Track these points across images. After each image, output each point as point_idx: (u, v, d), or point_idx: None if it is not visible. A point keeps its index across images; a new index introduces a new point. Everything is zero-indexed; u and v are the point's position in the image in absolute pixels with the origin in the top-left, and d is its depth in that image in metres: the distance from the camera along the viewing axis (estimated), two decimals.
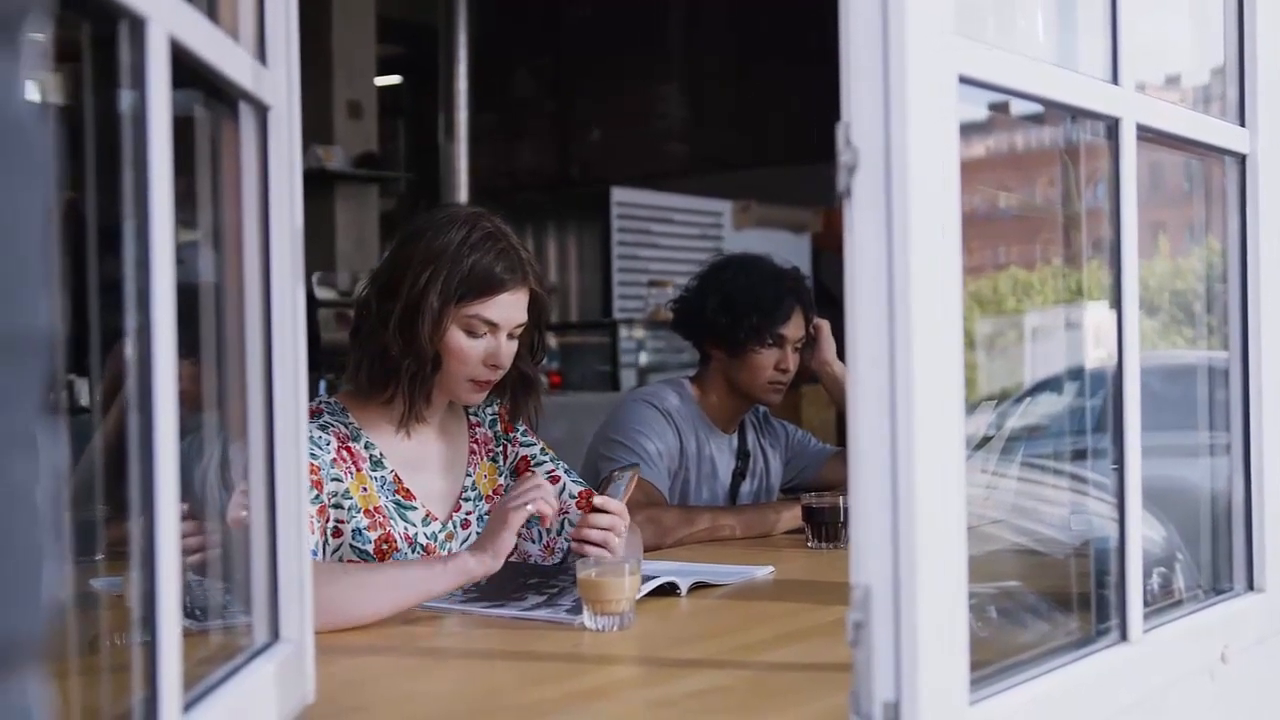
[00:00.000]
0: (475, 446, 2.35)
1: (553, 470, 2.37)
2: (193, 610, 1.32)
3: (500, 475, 2.36)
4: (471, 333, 2.17)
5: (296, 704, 1.36)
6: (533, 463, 2.38)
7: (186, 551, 1.12)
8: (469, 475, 2.32)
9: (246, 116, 1.31)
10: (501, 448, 2.38)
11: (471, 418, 2.37)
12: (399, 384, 2.18)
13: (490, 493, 2.33)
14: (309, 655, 1.39)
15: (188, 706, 1.06)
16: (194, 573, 1.41)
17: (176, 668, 1.00)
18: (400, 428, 2.22)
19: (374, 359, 2.17)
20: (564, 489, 2.33)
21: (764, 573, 2.32)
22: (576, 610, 1.87)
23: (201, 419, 1.38)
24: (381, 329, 2.15)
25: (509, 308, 2.19)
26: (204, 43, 1.11)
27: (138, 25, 0.97)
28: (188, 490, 1.06)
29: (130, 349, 0.99)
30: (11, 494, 0.55)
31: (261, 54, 1.33)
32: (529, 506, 1.99)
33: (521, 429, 2.41)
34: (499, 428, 2.39)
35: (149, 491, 0.98)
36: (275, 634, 1.34)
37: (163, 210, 0.99)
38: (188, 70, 1.09)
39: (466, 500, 2.30)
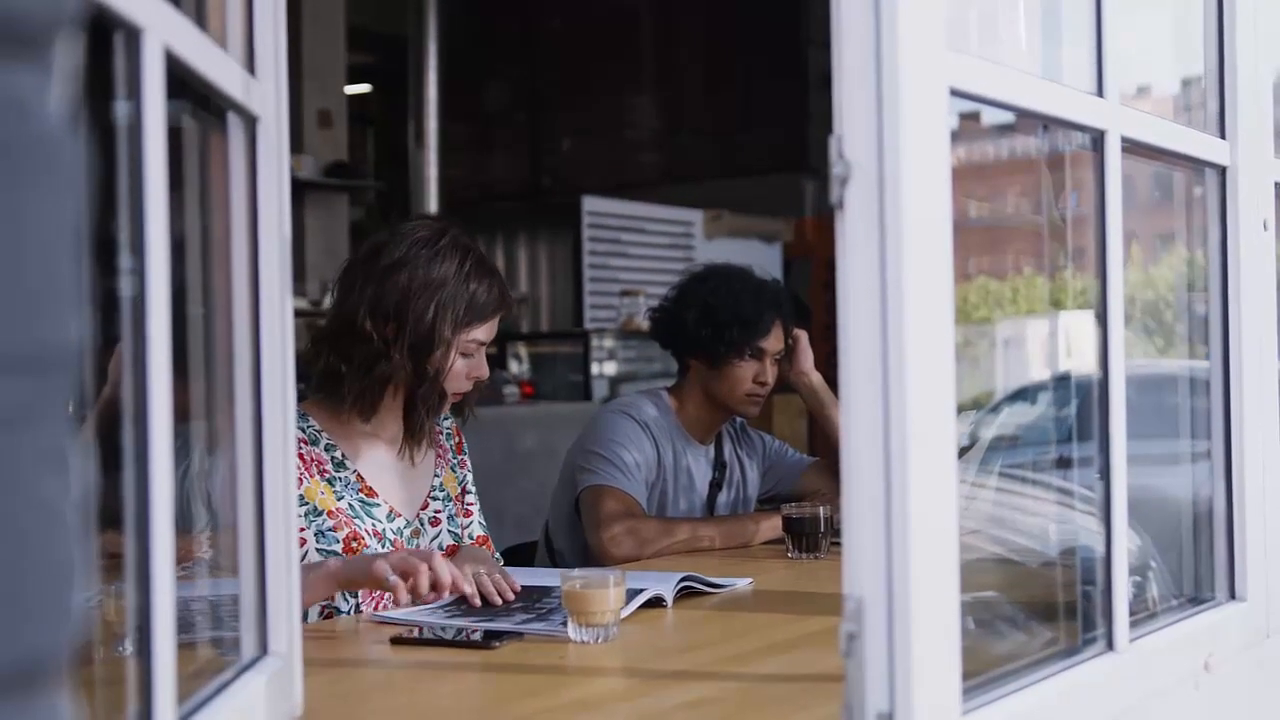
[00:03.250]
0: (440, 451, 2.44)
1: (473, 504, 2.49)
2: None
3: (458, 484, 2.46)
4: (465, 354, 2.27)
5: (285, 717, 1.35)
6: (466, 489, 2.49)
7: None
8: (437, 475, 2.40)
9: (235, 127, 1.31)
10: (459, 460, 2.49)
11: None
12: (392, 403, 2.27)
13: (455, 496, 2.43)
14: (298, 669, 1.38)
15: None
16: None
17: (171, 682, 0.99)
18: (402, 450, 2.31)
19: (378, 385, 2.23)
20: (437, 535, 2.41)
21: (744, 584, 2.32)
22: None
23: (184, 429, 1.36)
24: (386, 358, 2.20)
25: (495, 326, 2.31)
26: (197, 53, 1.11)
27: (133, 36, 0.96)
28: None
29: (125, 360, 0.98)
30: (43, 510, 0.55)
31: (250, 65, 1.32)
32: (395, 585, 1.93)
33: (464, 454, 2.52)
34: (453, 442, 2.49)
35: (144, 505, 0.98)
36: (264, 648, 1.33)
37: (158, 220, 0.99)
38: (178, 80, 1.08)
39: (435, 499, 2.38)
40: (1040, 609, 1.70)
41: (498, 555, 2.51)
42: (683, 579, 2.17)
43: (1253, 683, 1.80)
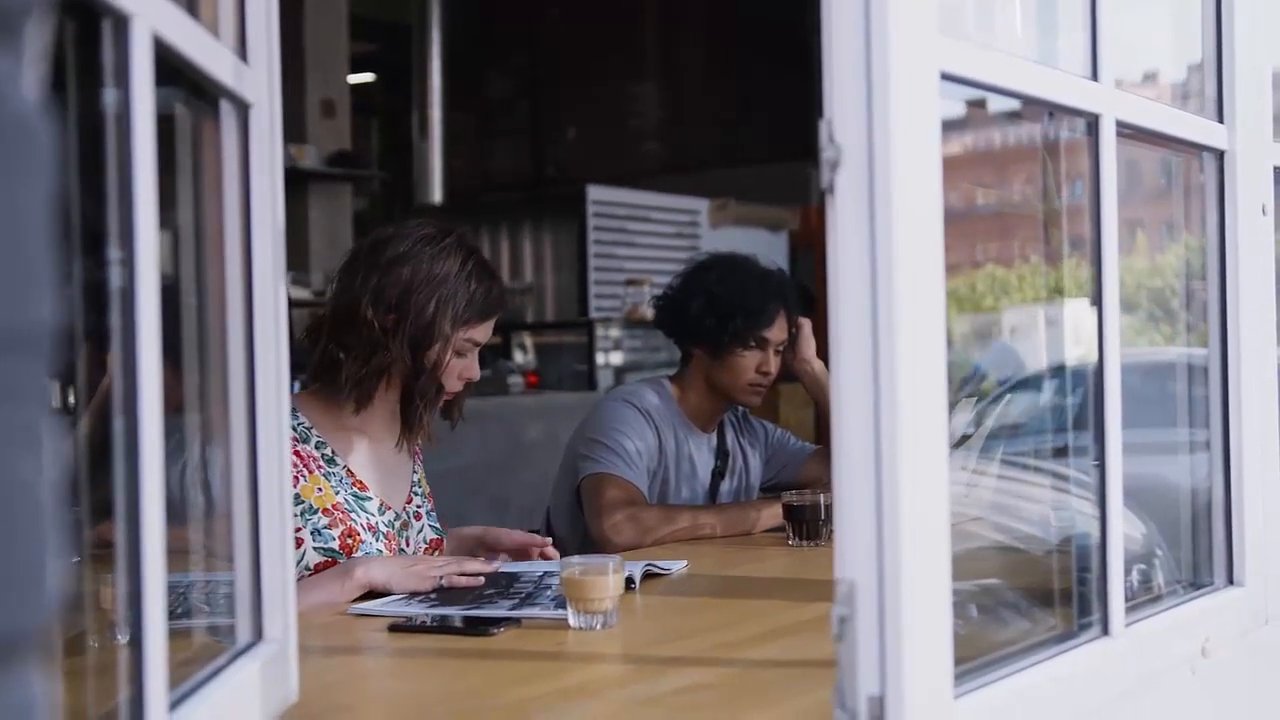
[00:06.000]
0: (417, 449, 2.46)
1: (430, 506, 2.49)
2: (173, 610, 1.31)
3: (427, 482, 2.49)
4: (460, 353, 2.28)
5: (280, 703, 1.36)
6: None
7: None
8: (415, 472, 2.43)
9: (227, 115, 1.31)
10: (423, 459, 2.51)
11: None
12: (384, 397, 2.28)
13: (428, 493, 2.46)
14: (293, 655, 1.39)
15: (173, 705, 1.06)
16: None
17: (163, 667, 0.99)
18: (400, 444, 2.33)
19: (375, 375, 2.24)
20: (421, 529, 2.41)
21: (680, 566, 2.34)
22: (562, 604, 1.87)
23: (181, 420, 1.37)
24: (384, 348, 2.22)
25: (491, 329, 2.33)
26: (187, 40, 1.10)
27: (121, 23, 0.96)
28: (166, 492, 1.06)
29: (114, 350, 0.99)
30: (17, 489, 0.55)
31: (243, 51, 1.32)
32: (442, 580, 2.11)
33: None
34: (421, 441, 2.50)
35: (134, 493, 0.98)
36: (259, 633, 1.34)
37: (147, 209, 0.99)
38: (168, 68, 1.08)
39: (417, 494, 2.42)
40: (1039, 595, 1.70)
41: None
42: (645, 572, 2.20)
43: (1250, 668, 1.80)
